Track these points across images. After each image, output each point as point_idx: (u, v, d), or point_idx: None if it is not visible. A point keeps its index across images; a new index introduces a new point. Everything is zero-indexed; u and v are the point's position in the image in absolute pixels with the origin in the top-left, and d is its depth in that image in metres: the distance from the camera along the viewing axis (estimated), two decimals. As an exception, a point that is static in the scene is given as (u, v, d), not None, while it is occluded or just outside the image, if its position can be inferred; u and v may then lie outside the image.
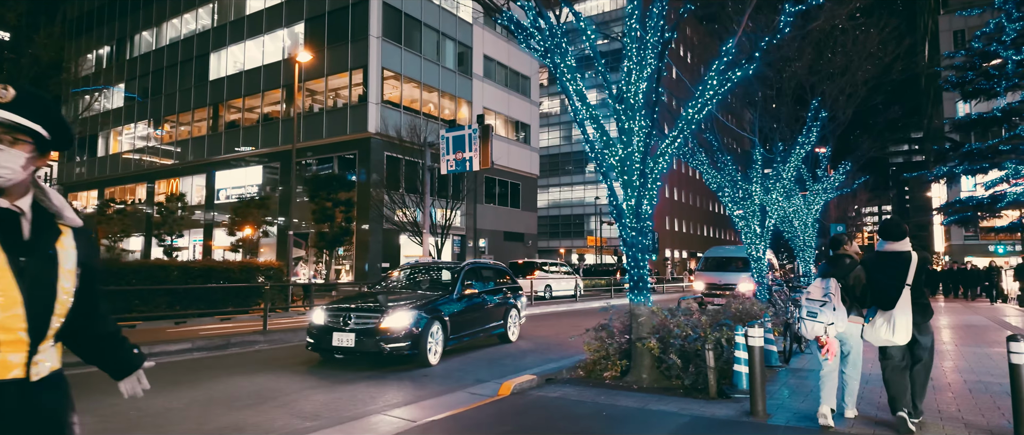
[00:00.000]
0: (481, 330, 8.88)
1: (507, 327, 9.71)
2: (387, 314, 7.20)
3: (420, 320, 7.29)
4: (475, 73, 36.71)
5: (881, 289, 4.36)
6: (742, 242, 11.29)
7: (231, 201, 34.03)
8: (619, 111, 6.11)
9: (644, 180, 6.00)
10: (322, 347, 7.34)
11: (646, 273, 6.04)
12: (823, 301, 4.39)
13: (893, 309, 4.24)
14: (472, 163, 19.63)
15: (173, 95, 38.97)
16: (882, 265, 4.42)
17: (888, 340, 4.28)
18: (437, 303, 7.80)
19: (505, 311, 9.66)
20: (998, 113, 21.13)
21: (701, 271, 17.69)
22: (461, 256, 35.63)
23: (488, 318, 9.11)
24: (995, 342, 9.59)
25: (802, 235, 15.23)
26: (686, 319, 6.12)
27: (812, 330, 4.40)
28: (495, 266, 10.35)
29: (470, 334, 8.55)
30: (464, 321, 8.32)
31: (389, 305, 7.42)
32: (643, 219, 6.02)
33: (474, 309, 8.67)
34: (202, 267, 14.41)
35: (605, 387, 5.80)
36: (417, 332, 7.18)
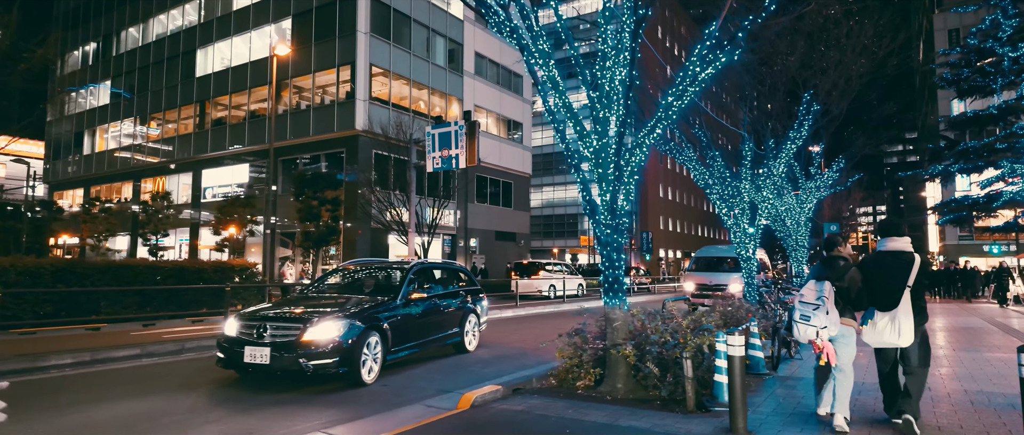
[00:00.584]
0: (431, 340, 7.88)
1: (463, 335, 8.76)
2: (311, 324, 6.08)
3: (352, 330, 6.21)
4: (466, 70, 36.23)
5: (883, 290, 4.28)
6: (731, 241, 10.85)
7: (217, 200, 33.45)
8: (593, 99, 5.66)
9: (619, 173, 5.54)
10: (234, 363, 6.18)
11: (622, 274, 5.58)
12: (816, 304, 4.28)
13: (895, 310, 4.18)
14: (458, 161, 19.13)
15: (160, 92, 38.35)
16: (884, 266, 4.34)
17: (893, 342, 4.21)
18: (376, 310, 6.78)
19: (462, 317, 8.73)
20: (994, 111, 20.80)
21: (691, 271, 17.27)
22: (452, 256, 35.14)
23: (440, 326, 8.13)
24: (995, 346, 9.18)
25: (794, 234, 14.82)
26: (665, 324, 5.66)
27: (805, 333, 4.32)
28: (451, 266, 9.49)
29: (418, 345, 7.54)
30: (410, 330, 7.32)
31: (315, 313, 6.35)
32: (618, 216, 5.56)
33: (423, 316, 7.68)
34: (173, 267, 13.88)
35: (577, 398, 5.34)
36: (348, 345, 6.10)
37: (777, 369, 6.66)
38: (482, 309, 9.43)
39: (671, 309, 6.21)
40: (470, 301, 9.07)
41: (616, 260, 5.58)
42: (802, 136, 10.01)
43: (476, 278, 11.92)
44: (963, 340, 9.90)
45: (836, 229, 15.87)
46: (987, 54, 21.56)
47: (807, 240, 15.08)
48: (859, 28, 11.24)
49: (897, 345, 4.25)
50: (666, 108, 5.57)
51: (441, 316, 8.16)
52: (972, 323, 13.09)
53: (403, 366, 7.59)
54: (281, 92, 32.65)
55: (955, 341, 9.71)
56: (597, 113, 5.64)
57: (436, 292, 8.25)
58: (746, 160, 10.15)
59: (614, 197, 5.55)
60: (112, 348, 8.18)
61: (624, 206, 5.63)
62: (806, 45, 11.54)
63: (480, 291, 9.58)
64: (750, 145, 10.08)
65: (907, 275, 4.23)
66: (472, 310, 9.04)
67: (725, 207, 10.38)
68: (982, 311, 16.83)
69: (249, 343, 6.10)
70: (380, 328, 6.63)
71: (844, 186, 19.17)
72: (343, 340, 6.10)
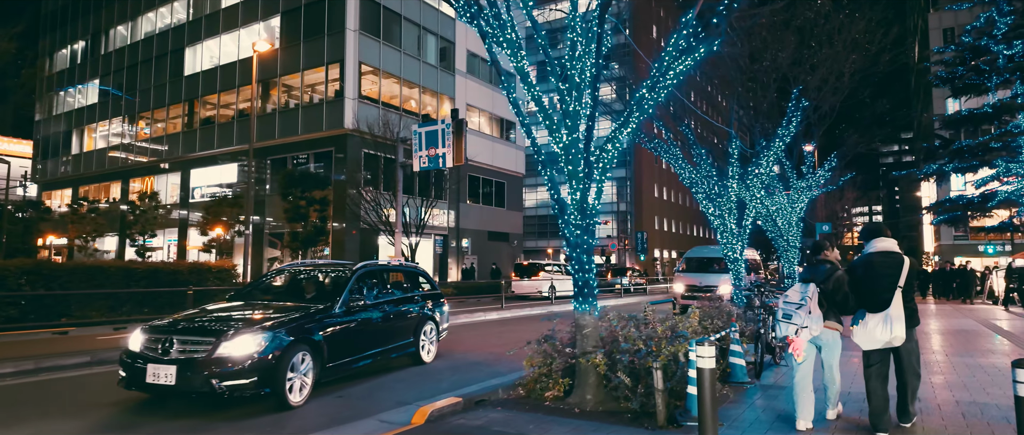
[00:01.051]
0: (378, 352, 6.92)
1: (419, 345, 7.85)
2: (225, 338, 5.23)
3: (275, 344, 5.35)
4: (458, 69, 35.88)
5: (873, 291, 4.30)
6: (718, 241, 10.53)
7: (205, 200, 33.02)
8: (563, 91, 5.31)
9: (589, 170, 5.20)
10: (136, 383, 5.29)
11: (592, 277, 5.24)
12: (799, 304, 4.37)
13: (887, 311, 4.20)
14: (445, 159, 18.80)
15: (148, 91, 37.90)
16: (874, 266, 4.37)
17: (885, 340, 4.23)
18: (309, 319, 5.90)
19: (417, 324, 7.84)
20: (989, 109, 20.53)
21: (681, 272, 16.94)
22: (443, 256, 34.76)
23: (390, 335, 7.21)
24: (988, 350, 8.86)
25: (786, 234, 14.50)
26: (638, 330, 5.32)
27: (783, 331, 4.43)
28: (407, 268, 8.67)
29: (362, 359, 6.60)
30: (351, 342, 6.42)
31: (232, 325, 5.46)
32: (589, 215, 5.22)
33: (369, 325, 6.76)
34: (147, 269, 13.51)
35: (543, 410, 4.99)
36: (270, 361, 5.25)
37: (760, 377, 6.32)
38: (442, 315, 8.63)
39: (648, 313, 5.86)
40: (428, 307, 8.24)
41: (586, 263, 5.23)
42: (791, 132, 9.68)
43: (436, 280, 11.50)
44: (957, 344, 9.58)
45: (828, 229, 15.59)
46: (982, 52, 21.30)
47: (799, 240, 14.76)
48: (850, 22, 10.93)
49: (890, 344, 4.24)
50: (639, 101, 5.23)
51: (391, 324, 7.25)
52: (965, 325, 12.79)
53: (346, 382, 6.67)
54: (270, 91, 32.25)
55: (948, 345, 9.39)
56: (567, 106, 5.30)
57: (387, 297, 7.39)
58: (733, 157, 9.82)
59: (584, 196, 5.20)
60: (63, 355, 7.79)
61: (595, 205, 5.29)
62: (796, 40, 11.23)
63: (441, 296, 8.79)
64: (738, 142, 9.76)
65: (898, 275, 4.25)
66: (430, 317, 8.19)
67: (711, 206, 10.05)
68: (974, 312, 16.54)
69: (153, 360, 5.22)
70: (312, 341, 5.78)
71: (836, 185, 18.84)
72: (264, 356, 5.24)
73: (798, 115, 9.59)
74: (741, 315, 7.77)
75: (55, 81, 45.58)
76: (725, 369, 5.92)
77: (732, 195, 10.00)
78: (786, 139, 9.72)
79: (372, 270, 7.47)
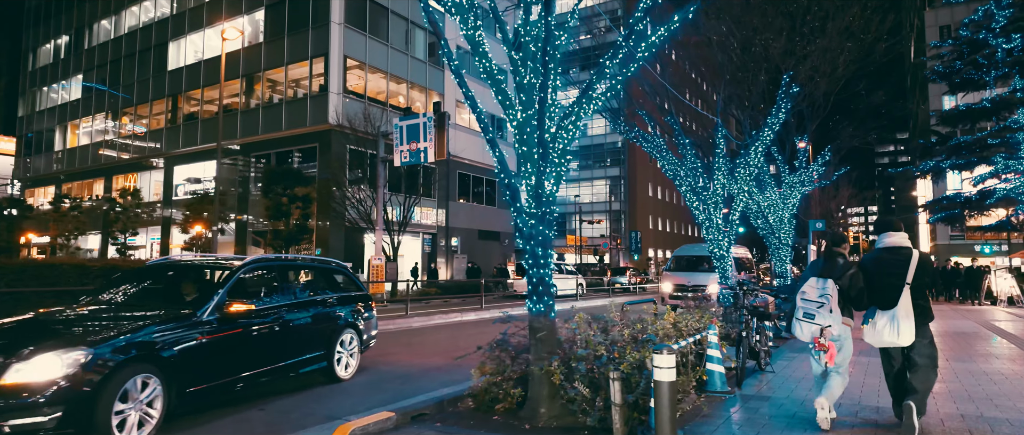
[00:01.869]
0: (270, 371, 5.51)
1: (334, 358, 6.40)
2: (18, 359, 3.87)
3: (97, 365, 3.99)
4: (447, 64, 35.18)
5: (881, 288, 4.21)
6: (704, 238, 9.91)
7: (187, 198, 32.27)
8: (516, 61, 4.67)
9: (545, 152, 4.55)
10: None
11: (548, 274, 4.59)
12: (820, 302, 4.23)
13: (894, 309, 4.09)
14: (426, 154, 18.15)
15: (131, 86, 37.14)
16: (882, 263, 4.27)
17: (892, 342, 4.13)
18: (160, 330, 4.51)
19: (331, 334, 6.40)
20: (987, 104, 19.98)
21: (669, 271, 16.33)
22: (432, 255, 34.09)
23: (291, 348, 5.81)
24: (990, 355, 8.25)
25: (777, 232, 13.90)
26: (605, 334, 4.68)
27: (807, 332, 4.26)
28: (318, 264, 6.95)
29: (243, 380, 5.17)
30: (227, 359, 5.04)
31: (34, 339, 4.12)
32: (545, 203, 4.57)
33: (255, 336, 5.34)
34: (103, 267, 12.81)
35: (490, 426, 4.35)
36: (84, 390, 3.91)
37: (742, 386, 5.69)
38: (368, 321, 7.23)
39: (615, 314, 5.22)
40: (350, 312, 6.83)
41: (542, 257, 4.58)
42: (780, 120, 9.06)
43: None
44: (956, 347, 8.98)
45: (822, 226, 15.03)
46: (980, 46, 20.75)
47: (791, 238, 14.16)
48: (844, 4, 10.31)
49: (897, 345, 4.15)
50: (600, 74, 4.59)
51: (292, 334, 5.85)
52: (964, 327, 12.20)
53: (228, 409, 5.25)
54: (254, 85, 31.53)
55: (946, 348, 8.78)
56: (521, 78, 4.65)
57: (285, 301, 5.92)
58: (719, 148, 9.19)
59: (539, 181, 4.56)
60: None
61: (553, 192, 4.64)
62: (787, 25, 10.60)
63: (366, 298, 7.41)
64: (723, 131, 9.13)
65: (905, 271, 4.13)
66: (350, 324, 6.75)
67: (696, 200, 9.43)
68: (976, 314, 15.97)
69: None
70: (159, 359, 4.40)
71: (830, 180, 18.24)
72: (75, 381, 3.88)
73: (788, 102, 8.97)
74: (726, 316, 7.14)
75: (38, 77, 44.75)
76: (701, 377, 5.30)
77: (718, 188, 9.38)
78: (775, 128, 9.11)
79: (261, 264, 5.94)
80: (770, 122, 9.20)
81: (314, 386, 6.31)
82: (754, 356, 6.19)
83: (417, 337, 10.47)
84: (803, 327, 4.27)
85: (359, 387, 6.32)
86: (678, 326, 5.43)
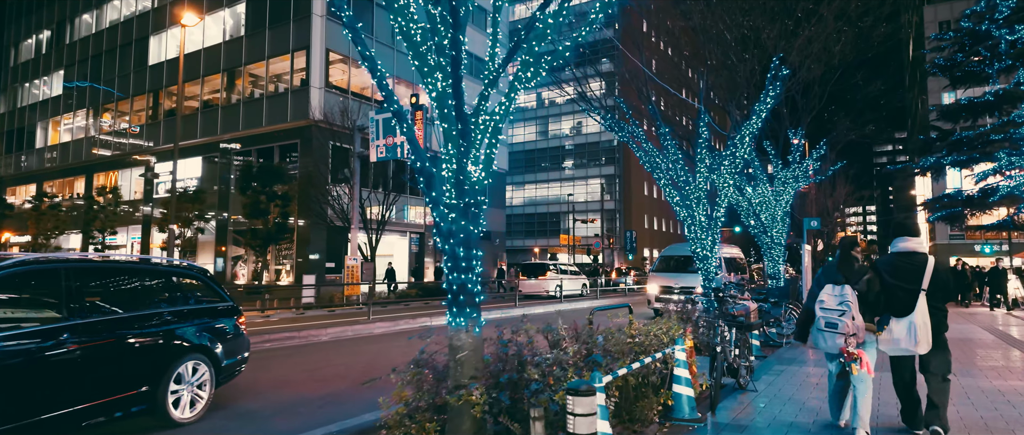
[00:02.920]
0: (35, 422, 3.97)
1: (165, 395, 4.83)
2: None
3: None
4: (435, 59, 34.29)
5: (896, 295, 4.11)
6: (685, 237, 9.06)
7: (166, 196, 31.36)
8: (434, 17, 3.81)
9: (466, 129, 3.70)
10: None
11: (473, 279, 3.74)
12: (841, 310, 4.07)
13: (911, 316, 4.01)
14: (404, 149, 17.28)
15: (112, 81, 36.21)
16: (897, 269, 4.16)
17: (909, 350, 4.04)
18: None
19: (161, 362, 4.87)
20: (990, 98, 19.14)
21: (656, 272, 15.48)
22: (420, 255, 33.24)
23: (77, 389, 4.23)
24: (1005, 369, 7.42)
25: (770, 230, 13.06)
26: (534, 354, 3.83)
27: (832, 343, 4.10)
28: (143, 267, 5.40)
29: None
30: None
31: None
32: (469, 192, 3.72)
33: (27, 369, 3.95)
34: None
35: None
36: None
37: (716, 410, 4.83)
38: (231, 341, 5.61)
39: (562, 329, 4.36)
40: (198, 332, 5.26)
41: (465, 259, 3.73)
42: (768, 105, 8.21)
43: None
44: (962, 359, 8.14)
45: (817, 225, 14.26)
46: (982, 38, 19.91)
47: (784, 237, 13.31)
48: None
49: (914, 352, 4.06)
50: (528, 25, 3.74)
51: (82, 368, 4.25)
52: (969, 333, 11.36)
53: None
54: (235, 80, 30.65)
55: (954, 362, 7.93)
56: (441, 39, 3.80)
57: (75, 321, 4.28)
58: (702, 137, 8.34)
59: (461, 165, 3.70)
60: None
61: (480, 179, 3.79)
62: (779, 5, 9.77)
63: (232, 311, 5.84)
64: (707, 118, 8.28)
65: (920, 278, 4.04)
66: (196, 348, 5.17)
67: (677, 194, 8.58)
68: (978, 317, 15.14)
69: None
70: None
71: (826, 175, 17.40)
72: None
73: (778, 86, 8.13)
74: (705, 324, 6.28)
75: (20, 73, 43.81)
76: (667, 402, 4.45)
77: (701, 182, 8.53)
78: (763, 115, 8.26)
79: (35, 269, 4.31)
80: (758, 109, 8.35)
81: (138, 434, 4.79)
82: (733, 373, 5.34)
83: (346, 350, 9.33)
84: (827, 338, 4.09)
85: (204, 432, 4.89)
86: (639, 339, 4.56)
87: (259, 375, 7.08)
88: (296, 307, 16.48)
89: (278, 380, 6.88)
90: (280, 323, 13.28)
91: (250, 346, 6.19)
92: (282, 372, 7.40)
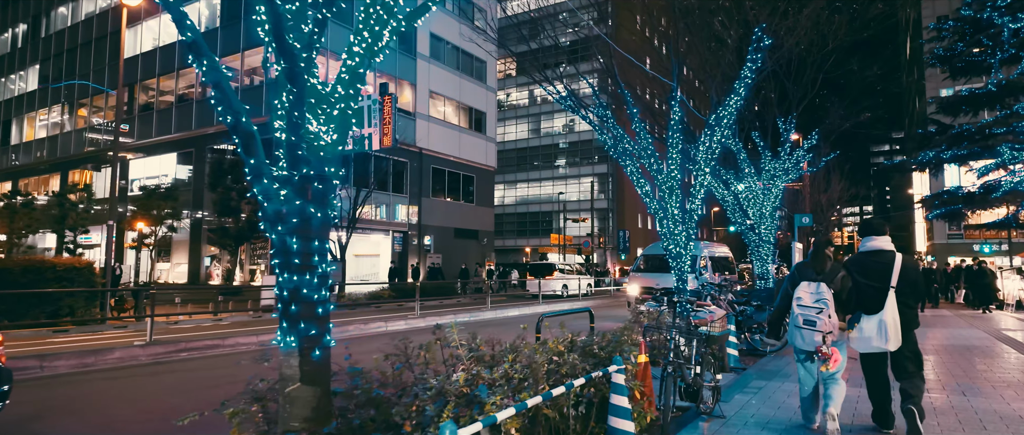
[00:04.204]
0: None
1: None
2: None
3: None
4: (420, 52, 33.28)
5: (864, 293, 4.18)
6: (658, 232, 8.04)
7: (138, 194, 30.31)
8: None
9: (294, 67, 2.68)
10: None
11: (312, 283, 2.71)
12: (818, 308, 4.07)
13: (880, 314, 4.06)
14: (371, 141, 16.26)
15: (87, 76, 35.09)
16: (866, 267, 4.24)
17: (880, 347, 4.08)
18: None
19: None
20: (993, 88, 18.19)
21: (637, 272, 14.48)
22: (404, 255, 32.20)
23: None
24: (1009, 384, 6.43)
25: (757, 227, 12.07)
26: (423, 378, 2.82)
27: (810, 340, 4.09)
28: None
29: None
30: None
31: None
32: (307, 160, 2.69)
33: None
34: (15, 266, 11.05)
35: None
36: None
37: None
38: None
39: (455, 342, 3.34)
40: None
41: (300, 253, 2.70)
42: (749, 83, 7.19)
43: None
44: (959, 371, 7.13)
45: (809, 221, 13.28)
46: (984, 26, 18.97)
47: (773, 235, 12.32)
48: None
49: (885, 349, 4.11)
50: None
51: None
52: (970, 339, 10.37)
53: None
54: (210, 74, 29.55)
55: (947, 373, 6.94)
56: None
57: None
58: (674, 118, 7.33)
59: (292, 121, 2.68)
60: None
61: (331, 145, 2.76)
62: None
63: None
64: (679, 94, 7.27)
65: (889, 275, 4.12)
66: None
67: (647, 184, 7.57)
68: (980, 321, 14.16)
69: None
70: None
71: (817, 167, 16.41)
72: None
73: (760, 57, 7.12)
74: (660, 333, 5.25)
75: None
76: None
77: (674, 169, 7.52)
78: (742, 91, 7.24)
79: None
80: (737, 86, 7.33)
81: None
82: (691, 396, 4.33)
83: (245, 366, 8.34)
84: (804, 335, 4.11)
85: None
86: (558, 360, 3.52)
87: (85, 407, 5.87)
88: (254, 309, 15.44)
89: (98, 413, 5.78)
90: (215, 329, 12.26)
91: (11, 377, 4.30)
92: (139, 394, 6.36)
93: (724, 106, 7.05)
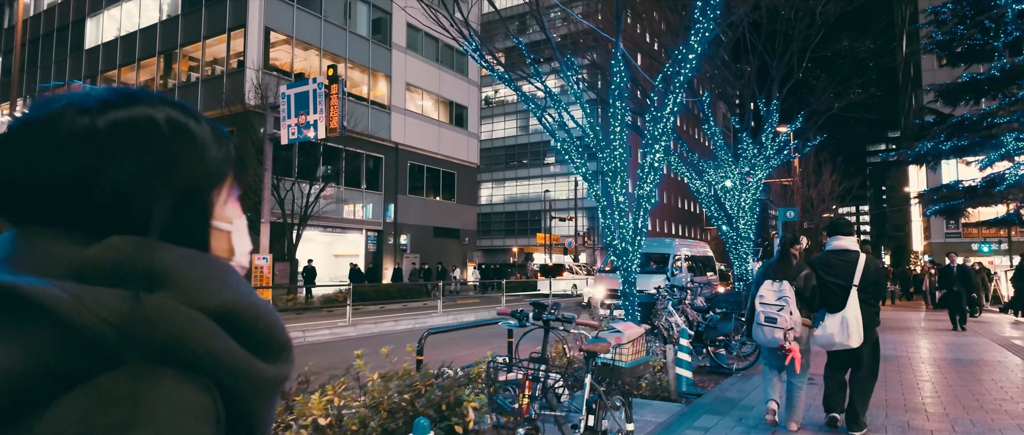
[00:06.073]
0: None
1: None
2: None
3: None
4: (396, 43, 31.84)
5: (829, 291, 4.30)
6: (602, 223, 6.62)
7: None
8: None
9: None
10: None
11: None
12: (779, 305, 4.16)
13: (842, 311, 4.17)
14: (317, 128, 14.81)
15: (49, 68, 33.66)
16: (830, 265, 4.35)
17: (843, 343, 4.19)
18: None
19: None
20: (996, 73, 16.85)
21: (604, 273, 13.07)
22: (378, 254, 30.75)
23: None
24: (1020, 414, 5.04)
25: (735, 222, 10.66)
26: None
27: (770, 336, 4.17)
28: None
29: None
30: None
31: None
32: None
33: None
34: None
35: None
36: None
37: None
38: None
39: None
40: None
41: None
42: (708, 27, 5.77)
43: None
44: (964, 394, 5.74)
45: (793, 215, 12.00)
46: (986, 8, 17.64)
47: (753, 230, 10.91)
48: None
49: (847, 346, 4.19)
50: None
51: None
52: (971, 351, 8.99)
53: None
54: (172, 63, 28.13)
55: (947, 392, 5.55)
56: None
57: None
58: (616, 82, 5.90)
59: None
60: None
61: None
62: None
63: None
64: (623, 51, 5.84)
65: (852, 274, 4.24)
66: None
67: (582, 163, 6.13)
68: (981, 325, 12.78)
69: None
70: None
71: (803, 153, 15.07)
72: None
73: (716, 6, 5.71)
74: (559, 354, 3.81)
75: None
76: None
77: (618, 145, 6.09)
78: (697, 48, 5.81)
79: None
80: (694, 40, 5.90)
81: None
82: None
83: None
84: (765, 332, 4.18)
85: None
86: (397, 399, 2.06)
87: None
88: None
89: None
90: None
91: None
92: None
93: (675, 62, 5.63)
